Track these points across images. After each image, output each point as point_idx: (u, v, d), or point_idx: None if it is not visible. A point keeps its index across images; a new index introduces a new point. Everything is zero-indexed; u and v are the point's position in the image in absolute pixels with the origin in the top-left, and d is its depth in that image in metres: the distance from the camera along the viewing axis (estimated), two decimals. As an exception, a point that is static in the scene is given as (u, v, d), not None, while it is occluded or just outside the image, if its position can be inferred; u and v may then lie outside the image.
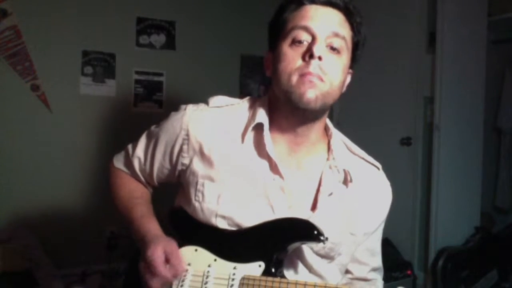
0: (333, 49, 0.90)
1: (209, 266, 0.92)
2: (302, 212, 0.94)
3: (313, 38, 0.89)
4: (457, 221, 2.63)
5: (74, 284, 2.28)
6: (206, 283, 0.90)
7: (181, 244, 0.95)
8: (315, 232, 0.87)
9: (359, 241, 1.03)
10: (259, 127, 0.96)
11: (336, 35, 0.90)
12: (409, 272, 2.53)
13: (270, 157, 0.94)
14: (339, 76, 0.92)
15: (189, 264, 0.93)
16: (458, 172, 2.65)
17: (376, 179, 1.04)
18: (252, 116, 0.98)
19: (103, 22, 2.61)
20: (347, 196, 0.98)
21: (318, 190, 0.97)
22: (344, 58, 0.93)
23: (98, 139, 2.60)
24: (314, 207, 0.96)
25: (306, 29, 0.90)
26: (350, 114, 3.16)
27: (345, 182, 0.98)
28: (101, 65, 2.62)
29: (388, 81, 2.87)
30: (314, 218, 0.93)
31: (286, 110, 0.94)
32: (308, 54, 0.88)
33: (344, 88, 1.00)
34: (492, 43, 2.88)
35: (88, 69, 2.60)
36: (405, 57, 2.77)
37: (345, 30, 0.92)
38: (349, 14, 0.94)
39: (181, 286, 0.91)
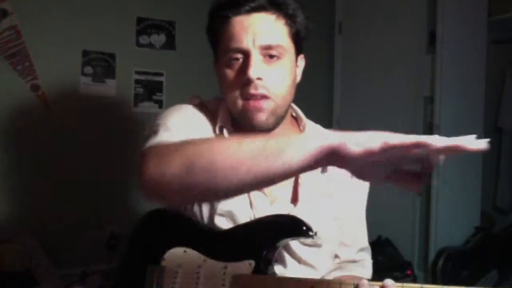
0: (271, 56, 0.89)
1: (199, 266, 0.91)
2: (284, 206, 0.96)
3: (246, 57, 0.88)
4: (457, 221, 2.63)
5: (74, 284, 2.28)
6: (196, 283, 0.90)
7: (169, 246, 0.94)
8: (304, 228, 0.88)
9: (343, 224, 1.03)
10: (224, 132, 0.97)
11: (269, 47, 0.89)
12: (409, 272, 2.53)
13: None
14: (285, 83, 0.91)
15: (178, 266, 0.92)
16: (458, 172, 2.64)
17: None
18: (216, 119, 0.99)
19: (103, 22, 2.60)
20: (325, 182, 1.00)
21: (296, 182, 0.98)
22: (287, 59, 0.92)
23: (98, 139, 2.60)
24: (295, 200, 0.97)
25: (238, 50, 0.89)
26: (350, 114, 3.16)
27: (322, 170, 0.99)
28: (101, 65, 2.62)
29: (388, 81, 2.87)
30: (296, 211, 0.95)
31: (242, 125, 0.93)
32: (245, 78, 0.87)
33: (299, 78, 0.99)
34: (492, 43, 2.88)
35: (88, 69, 2.59)
36: (405, 57, 2.77)
37: (279, 33, 0.90)
38: (278, 9, 0.90)
39: None
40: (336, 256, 1.07)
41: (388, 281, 0.78)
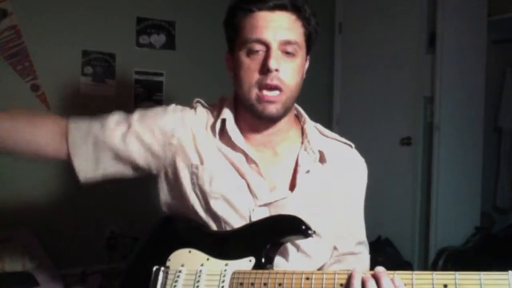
0: (287, 53, 0.96)
1: (201, 265, 0.95)
2: (281, 194, 1.00)
3: (268, 49, 0.95)
4: (457, 221, 2.63)
5: (74, 284, 2.28)
6: (198, 281, 0.93)
7: (176, 247, 0.99)
8: (303, 227, 0.90)
9: (341, 216, 1.07)
10: (226, 123, 1.03)
11: (288, 42, 0.95)
12: (409, 272, 2.53)
13: (242, 148, 1.01)
14: (296, 79, 0.98)
15: (182, 265, 0.97)
16: (458, 172, 2.65)
17: (350, 156, 1.11)
18: (219, 114, 1.05)
19: (103, 22, 2.60)
20: (324, 174, 1.04)
21: (295, 171, 1.03)
22: (299, 59, 0.98)
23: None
24: (292, 186, 1.02)
25: (259, 41, 0.95)
26: (350, 114, 3.16)
27: (321, 161, 1.04)
28: (101, 65, 2.62)
29: (388, 81, 2.87)
30: (292, 197, 0.99)
31: (250, 114, 1.00)
32: (265, 68, 0.94)
33: (304, 75, 1.06)
34: (492, 43, 2.89)
35: (88, 69, 2.60)
36: (405, 57, 2.77)
37: (297, 32, 0.97)
38: (298, 11, 0.97)
39: (175, 286, 0.94)
40: (335, 249, 1.09)
41: (379, 268, 0.80)
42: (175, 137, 1.04)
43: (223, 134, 1.03)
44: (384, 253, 2.62)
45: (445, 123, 2.58)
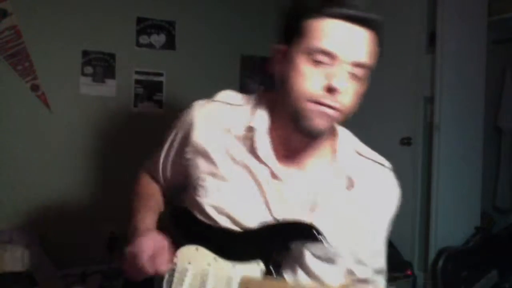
0: (353, 75, 0.86)
1: (208, 265, 0.93)
2: (301, 213, 0.93)
3: (335, 65, 0.83)
4: (457, 221, 2.63)
5: (74, 284, 2.28)
6: (204, 281, 0.91)
7: (182, 243, 0.97)
8: (313, 232, 0.87)
9: (362, 242, 1.00)
10: (255, 133, 0.95)
11: (360, 65, 0.85)
12: (409, 272, 2.53)
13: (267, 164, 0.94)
14: (353, 103, 0.89)
15: (189, 263, 0.94)
16: (458, 172, 2.64)
17: (382, 179, 1.03)
18: (251, 119, 0.97)
19: (103, 22, 2.60)
20: (350, 199, 0.97)
21: (319, 191, 0.95)
22: (364, 82, 0.89)
23: (98, 139, 2.60)
24: (314, 208, 0.95)
25: (328, 54, 0.83)
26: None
27: (348, 187, 0.97)
28: (101, 65, 2.62)
29: (388, 81, 2.86)
30: (313, 219, 0.92)
31: (291, 124, 0.91)
32: (328, 86, 0.83)
33: None
34: (492, 43, 2.88)
35: (88, 69, 2.60)
36: (405, 57, 2.77)
37: (371, 54, 0.87)
38: (377, 30, 0.87)
39: (181, 285, 0.93)
40: (352, 273, 1.01)
41: None
42: (188, 151, 1.01)
43: (249, 140, 0.95)
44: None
45: (445, 123, 2.58)
